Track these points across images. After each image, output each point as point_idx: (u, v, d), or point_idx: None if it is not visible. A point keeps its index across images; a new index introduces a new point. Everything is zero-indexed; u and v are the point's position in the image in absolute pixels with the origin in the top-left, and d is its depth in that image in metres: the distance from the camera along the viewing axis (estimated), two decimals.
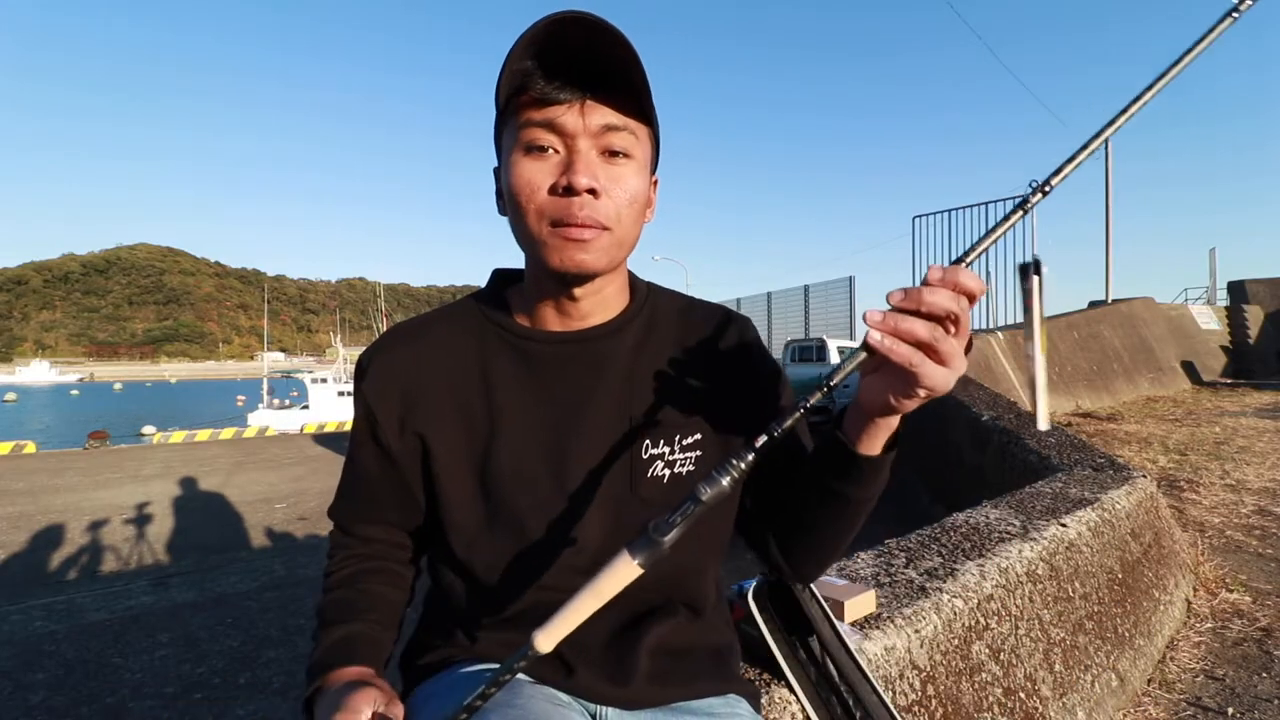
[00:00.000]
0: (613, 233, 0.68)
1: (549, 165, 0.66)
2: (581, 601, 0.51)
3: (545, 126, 0.65)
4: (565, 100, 0.65)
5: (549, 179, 0.66)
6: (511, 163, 0.67)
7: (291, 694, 2.57)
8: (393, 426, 0.74)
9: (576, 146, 0.66)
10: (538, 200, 0.66)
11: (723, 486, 0.51)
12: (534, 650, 0.51)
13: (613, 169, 0.67)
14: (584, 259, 0.67)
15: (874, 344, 0.52)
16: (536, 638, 0.51)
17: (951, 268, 0.51)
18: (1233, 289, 13.68)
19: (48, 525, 6.28)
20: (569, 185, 0.65)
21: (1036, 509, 2.15)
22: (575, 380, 0.74)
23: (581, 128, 0.65)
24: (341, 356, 29.14)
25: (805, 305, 17.41)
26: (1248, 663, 2.03)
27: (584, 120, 0.65)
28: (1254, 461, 4.75)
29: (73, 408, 55.55)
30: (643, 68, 0.65)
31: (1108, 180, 14.26)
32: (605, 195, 0.66)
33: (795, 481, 0.73)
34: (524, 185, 0.66)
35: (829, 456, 0.67)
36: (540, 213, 0.66)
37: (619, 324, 0.77)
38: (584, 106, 0.65)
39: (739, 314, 0.84)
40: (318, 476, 8.72)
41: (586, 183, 0.65)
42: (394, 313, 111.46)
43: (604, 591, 0.50)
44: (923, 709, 1.21)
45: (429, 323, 0.79)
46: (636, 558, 0.50)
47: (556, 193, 0.66)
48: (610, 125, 0.66)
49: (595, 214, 0.66)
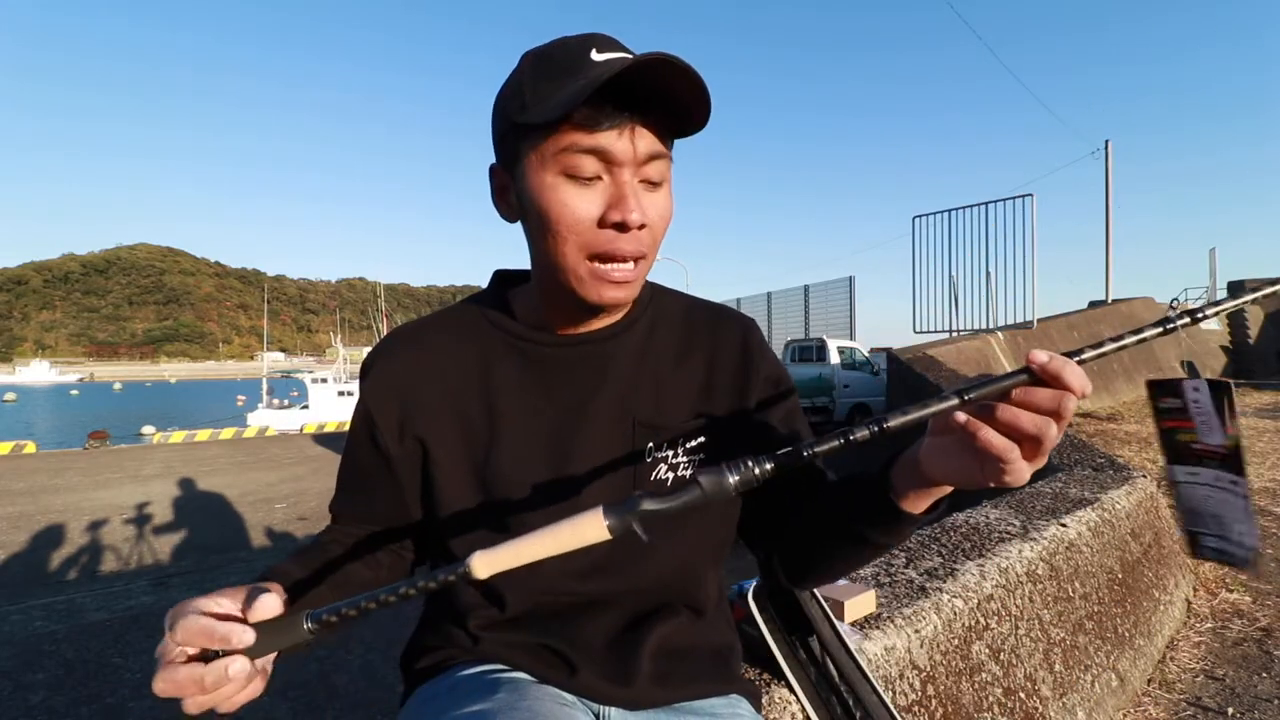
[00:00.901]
0: (648, 259, 0.68)
1: (594, 195, 0.63)
2: (535, 540, 0.48)
3: (593, 153, 0.62)
4: (615, 126, 0.61)
5: (595, 210, 0.63)
6: (547, 186, 0.63)
7: (291, 693, 2.57)
8: (392, 431, 0.74)
9: (623, 177, 0.63)
10: (581, 232, 0.64)
11: (728, 484, 0.48)
12: (468, 570, 0.48)
13: (652, 197, 0.66)
14: (621, 296, 0.67)
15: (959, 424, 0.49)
16: (474, 559, 0.48)
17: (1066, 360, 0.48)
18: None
19: (48, 525, 6.28)
20: (624, 222, 0.63)
21: (1036, 509, 2.15)
22: (578, 383, 0.74)
23: (631, 156, 0.63)
24: (341, 356, 29.13)
25: (805, 305, 17.40)
26: (1248, 663, 2.03)
27: (634, 148, 0.63)
28: (1254, 461, 4.76)
29: (73, 408, 55.56)
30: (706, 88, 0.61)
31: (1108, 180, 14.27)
32: (649, 226, 0.65)
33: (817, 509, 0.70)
34: (568, 215, 0.63)
35: (867, 503, 0.62)
36: (583, 245, 0.64)
37: (623, 326, 0.76)
38: (633, 133, 0.62)
39: (743, 315, 0.84)
40: (318, 476, 8.72)
41: (639, 220, 0.63)
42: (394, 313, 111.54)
43: (562, 540, 0.47)
44: (923, 709, 1.21)
45: (431, 326, 0.79)
46: (608, 520, 0.47)
47: (604, 226, 0.64)
48: (654, 154, 0.64)
49: (640, 247, 0.65)
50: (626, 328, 0.76)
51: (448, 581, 0.48)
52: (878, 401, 11.40)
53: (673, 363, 0.77)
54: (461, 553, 0.73)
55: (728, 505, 0.76)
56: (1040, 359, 0.48)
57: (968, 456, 0.51)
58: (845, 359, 12.48)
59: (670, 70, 0.59)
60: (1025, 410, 0.48)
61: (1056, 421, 0.48)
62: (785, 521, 0.74)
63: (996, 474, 0.49)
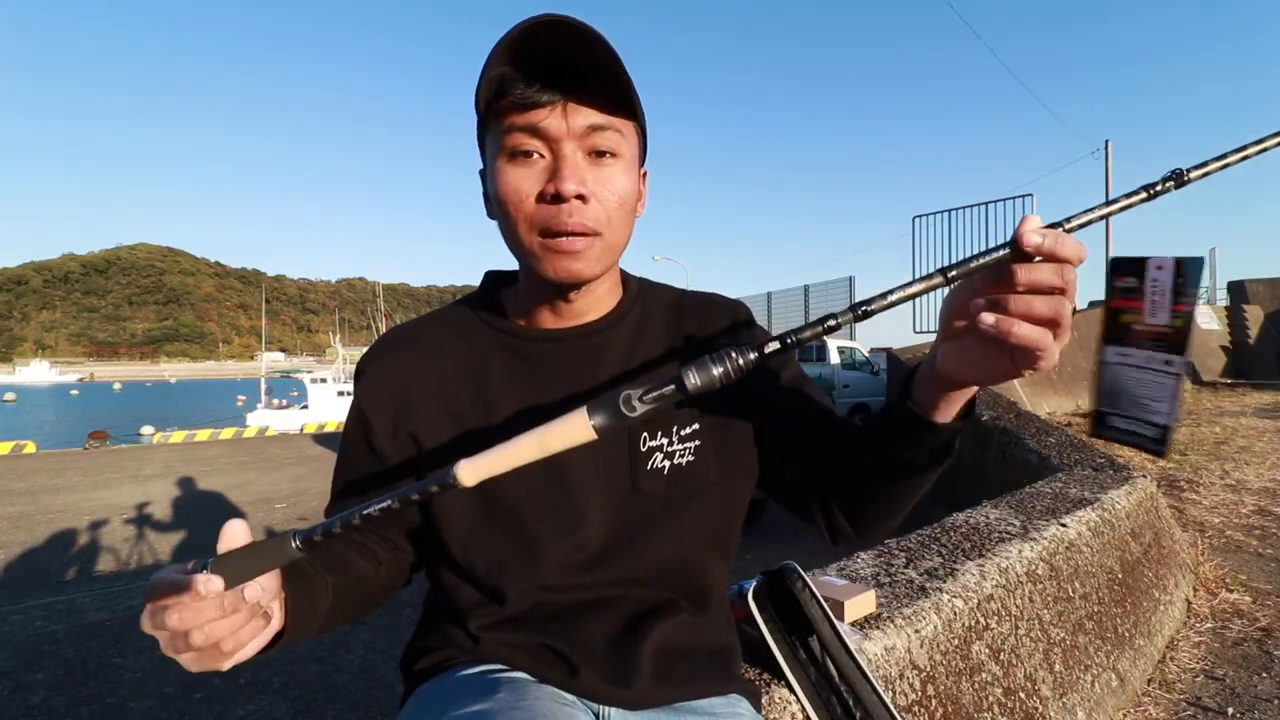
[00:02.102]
0: (604, 237, 0.67)
1: (535, 171, 0.65)
2: (521, 444, 0.47)
3: (528, 131, 0.64)
4: (546, 103, 0.63)
5: (536, 185, 0.65)
6: (497, 169, 0.66)
7: (292, 693, 2.57)
8: (386, 432, 0.74)
9: (562, 151, 0.64)
10: (526, 209, 0.65)
11: (713, 374, 0.46)
12: (454, 479, 0.46)
13: (600, 170, 0.66)
14: (577, 268, 0.67)
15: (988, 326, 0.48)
16: (460, 466, 0.46)
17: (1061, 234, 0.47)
18: (1233, 289, 13.68)
19: (48, 525, 6.28)
20: (557, 192, 0.63)
21: (1036, 509, 2.15)
22: (570, 376, 0.74)
23: (565, 130, 0.64)
24: (341, 356, 29.13)
25: (805, 305, 17.43)
26: (1248, 663, 2.03)
27: (567, 122, 0.64)
28: (1254, 461, 4.75)
29: (72, 408, 55.56)
30: (622, 63, 0.63)
31: (1107, 181, 14.28)
32: (594, 199, 0.65)
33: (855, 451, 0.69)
34: (511, 193, 0.65)
35: (901, 428, 0.62)
36: (530, 221, 0.66)
37: (613, 319, 0.77)
38: (566, 108, 0.64)
39: (731, 300, 0.84)
40: (318, 476, 8.72)
41: (574, 188, 0.63)
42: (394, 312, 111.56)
43: (549, 443, 0.46)
44: (923, 709, 1.21)
45: (424, 326, 0.79)
46: (594, 418, 0.46)
47: (545, 200, 0.65)
48: (595, 125, 0.65)
49: (585, 220, 0.65)
50: (616, 321, 0.77)
51: (432, 492, 0.47)
52: (878, 401, 11.40)
53: (664, 354, 0.77)
54: (459, 552, 0.73)
55: (728, 487, 0.76)
56: (1034, 240, 0.47)
57: (994, 353, 0.51)
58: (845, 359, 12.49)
59: (567, 32, 0.61)
60: (1036, 295, 0.48)
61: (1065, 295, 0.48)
62: (828, 475, 0.72)
63: (1032, 362, 0.49)
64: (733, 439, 0.76)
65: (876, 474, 0.67)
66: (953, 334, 0.54)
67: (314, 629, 0.65)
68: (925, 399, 0.59)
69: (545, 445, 0.46)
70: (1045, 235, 0.47)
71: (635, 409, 0.46)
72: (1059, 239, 0.47)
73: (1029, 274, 0.48)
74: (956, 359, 0.54)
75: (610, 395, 0.47)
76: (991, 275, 0.49)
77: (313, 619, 0.63)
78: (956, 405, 0.59)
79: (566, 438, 0.46)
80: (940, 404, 0.58)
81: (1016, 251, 0.48)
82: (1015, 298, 0.48)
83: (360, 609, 0.74)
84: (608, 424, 0.46)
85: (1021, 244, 0.47)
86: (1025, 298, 0.48)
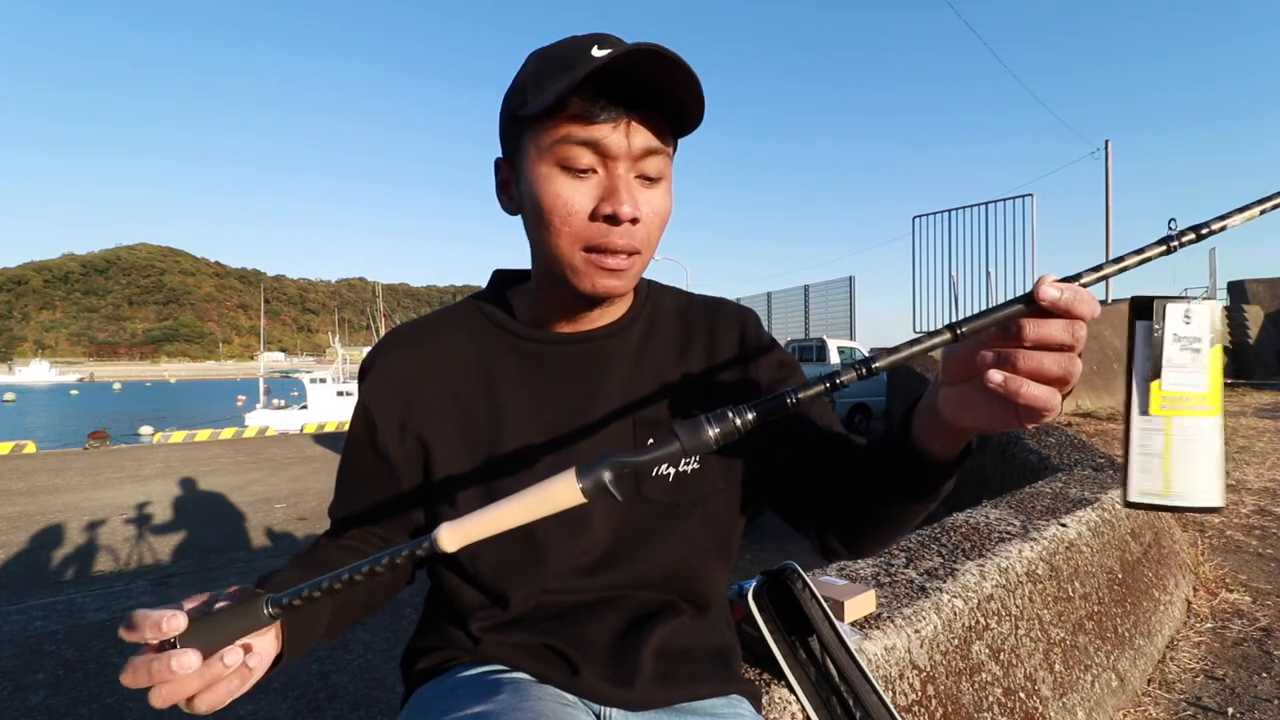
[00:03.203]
0: (643, 256, 0.68)
1: (588, 187, 0.64)
2: (505, 508, 0.46)
3: (588, 146, 0.63)
4: (610, 120, 0.62)
5: (589, 202, 0.64)
6: (543, 176, 0.64)
7: (292, 694, 2.57)
8: (392, 432, 0.73)
9: (617, 170, 0.64)
10: (574, 224, 0.64)
11: (708, 436, 0.45)
12: (435, 543, 0.46)
13: (648, 193, 0.66)
14: (617, 285, 0.67)
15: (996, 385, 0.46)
16: (441, 531, 0.46)
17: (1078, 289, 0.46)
18: (1233, 289, 13.68)
19: (48, 525, 6.28)
20: (614, 214, 0.63)
21: (1036, 509, 2.15)
22: (578, 380, 0.74)
23: (625, 150, 0.63)
24: (341, 356, 29.11)
25: (805, 305, 17.43)
26: (1248, 663, 2.03)
27: (629, 142, 0.63)
28: (1254, 461, 4.75)
29: (72, 408, 55.55)
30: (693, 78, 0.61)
31: (1108, 180, 14.27)
32: (642, 221, 0.66)
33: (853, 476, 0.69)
34: (560, 205, 0.64)
35: (901, 463, 0.61)
36: (576, 236, 0.65)
37: (622, 324, 0.77)
38: (629, 127, 0.63)
39: (741, 306, 0.84)
40: (317, 476, 8.71)
41: (630, 212, 0.63)
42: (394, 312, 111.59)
43: (533, 506, 0.46)
44: (923, 709, 1.21)
45: (431, 325, 0.79)
46: (581, 481, 0.45)
47: (597, 218, 0.64)
48: (650, 149, 0.65)
49: (633, 242, 0.65)
50: (626, 325, 0.77)
51: (414, 556, 0.47)
52: (878, 401, 11.40)
53: (673, 359, 0.77)
54: (463, 555, 0.73)
55: (733, 496, 0.76)
56: (1051, 295, 0.45)
57: (999, 406, 0.49)
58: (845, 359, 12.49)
59: (660, 62, 0.59)
60: (1046, 352, 0.46)
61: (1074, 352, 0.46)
62: (826, 494, 0.72)
63: (1037, 418, 0.48)
64: (738, 449, 0.76)
65: (874, 501, 0.67)
66: (955, 380, 0.52)
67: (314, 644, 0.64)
68: (925, 436, 0.58)
69: (530, 510, 0.45)
70: (1064, 290, 0.45)
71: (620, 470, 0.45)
72: (1077, 294, 0.45)
73: (1039, 329, 0.46)
74: (957, 405, 0.53)
75: (600, 459, 0.46)
76: (999, 327, 0.47)
77: (311, 636, 0.63)
78: (956, 445, 0.58)
79: (552, 501, 0.45)
80: (939, 443, 0.57)
81: (1032, 305, 0.46)
82: (1025, 355, 0.46)
83: (363, 614, 0.74)
84: (595, 484, 0.45)
85: (1038, 298, 0.45)
86: (1036, 355, 0.46)
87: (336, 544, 0.75)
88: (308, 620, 0.62)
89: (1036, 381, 0.46)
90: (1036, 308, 0.46)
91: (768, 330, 0.83)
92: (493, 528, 0.46)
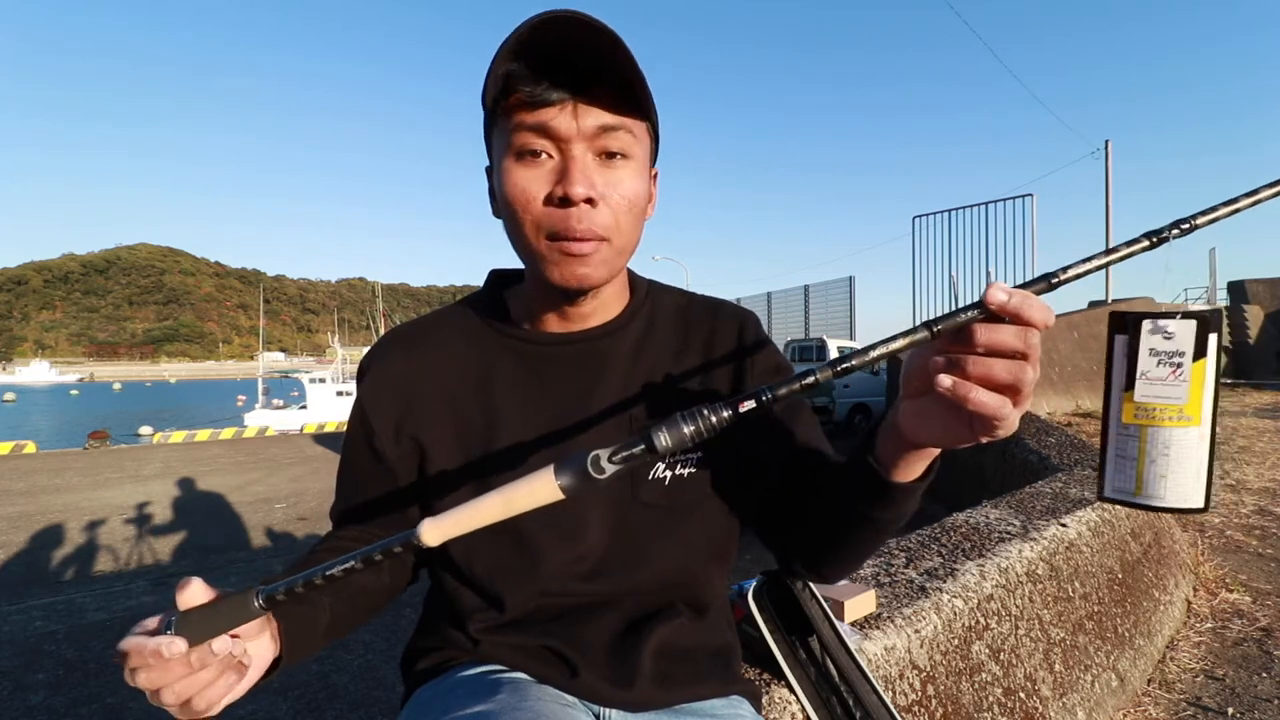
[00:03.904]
0: (612, 243, 0.66)
1: (543, 172, 0.63)
2: (485, 504, 0.46)
3: (537, 130, 0.62)
4: (555, 101, 0.61)
5: (544, 187, 0.63)
6: (504, 169, 0.64)
7: (292, 693, 2.57)
8: (388, 434, 0.73)
9: (571, 151, 0.62)
10: (533, 211, 0.63)
11: (684, 433, 0.45)
12: (418, 539, 0.46)
13: (610, 173, 0.64)
14: (585, 273, 0.65)
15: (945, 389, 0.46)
16: (424, 526, 0.46)
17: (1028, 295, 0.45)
18: (1233, 289, 13.68)
19: (48, 525, 6.28)
20: (565, 195, 0.61)
21: (1036, 509, 2.15)
22: (574, 381, 0.73)
23: (575, 130, 0.62)
24: (340, 357, 29.10)
25: (805, 305, 17.43)
26: (1248, 663, 2.03)
27: (577, 122, 0.62)
28: (1254, 461, 4.75)
29: (72, 408, 55.54)
30: (635, 61, 0.61)
31: (1108, 180, 14.27)
32: (603, 203, 0.64)
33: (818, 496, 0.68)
34: (518, 194, 0.63)
35: (860, 481, 0.60)
36: (537, 224, 0.64)
37: (618, 324, 0.76)
38: (576, 108, 0.62)
39: (740, 308, 0.83)
40: (317, 477, 8.71)
41: (583, 192, 0.62)
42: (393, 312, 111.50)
43: (514, 502, 0.45)
44: (923, 709, 1.21)
45: (427, 326, 0.78)
46: (560, 479, 0.45)
47: (552, 203, 0.63)
48: (606, 126, 0.63)
49: (594, 225, 0.63)
50: (623, 325, 0.76)
51: (395, 551, 0.47)
52: (878, 401, 11.40)
53: (670, 360, 0.76)
54: (460, 558, 0.73)
55: (729, 500, 0.76)
56: (998, 299, 0.45)
57: (953, 418, 0.49)
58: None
59: (575, 27, 0.59)
60: (996, 358, 0.46)
61: (1027, 361, 0.45)
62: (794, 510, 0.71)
63: (989, 430, 0.47)
64: (733, 451, 0.75)
65: (835, 522, 0.66)
66: (913, 392, 0.52)
67: (314, 649, 0.64)
68: (887, 455, 0.57)
69: (511, 505, 0.45)
70: (1011, 295, 0.45)
71: (604, 470, 0.45)
72: (1025, 299, 0.45)
73: (989, 334, 0.45)
74: (914, 419, 0.52)
75: (578, 455, 0.45)
76: (954, 334, 0.47)
77: (311, 640, 0.63)
78: (918, 465, 0.57)
79: (533, 497, 0.45)
80: (900, 462, 0.56)
81: (985, 311, 0.45)
82: (974, 360, 0.46)
83: (365, 616, 0.74)
84: (575, 485, 0.45)
85: (987, 302, 0.45)
86: (985, 361, 0.46)
87: (335, 548, 0.74)
88: (305, 623, 0.62)
89: (986, 388, 0.46)
90: (990, 313, 0.45)
91: (768, 332, 0.82)
92: (474, 523, 0.46)
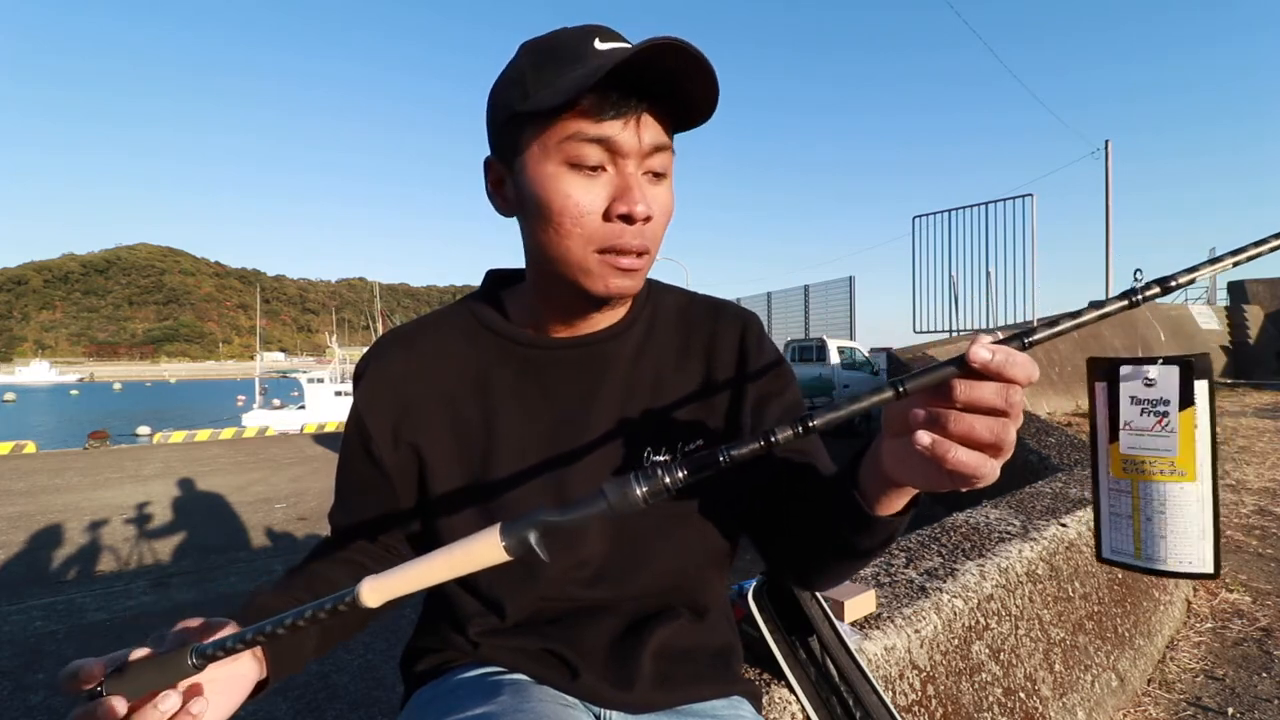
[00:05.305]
0: (652, 254, 0.67)
1: (599, 186, 0.62)
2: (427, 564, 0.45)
3: (598, 143, 0.61)
4: (621, 116, 0.60)
5: (601, 202, 0.62)
6: (549, 176, 0.62)
7: (292, 694, 2.57)
8: (386, 438, 0.72)
9: (628, 169, 0.62)
10: (586, 225, 0.62)
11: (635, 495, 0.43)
12: (356, 599, 0.45)
13: (655, 190, 0.65)
14: (629, 285, 0.66)
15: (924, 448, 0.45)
16: (363, 586, 0.45)
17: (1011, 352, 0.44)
18: (1233, 289, 13.68)
19: (48, 525, 6.28)
20: (629, 214, 0.62)
21: (1036, 509, 2.15)
22: (575, 385, 0.73)
23: (636, 147, 0.62)
24: (339, 357, 29.10)
25: (805, 305, 17.44)
26: (1248, 663, 2.03)
27: (639, 139, 0.62)
28: (1254, 461, 4.75)
29: (72, 408, 55.54)
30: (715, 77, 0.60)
31: (1108, 180, 14.27)
32: (654, 220, 0.65)
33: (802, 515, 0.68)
34: (571, 206, 0.62)
35: (843, 511, 0.59)
36: (588, 238, 0.63)
37: (621, 327, 0.75)
38: (639, 122, 0.61)
39: (742, 310, 0.82)
40: (317, 477, 8.71)
41: (645, 212, 0.62)
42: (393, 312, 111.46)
43: (455, 563, 0.44)
44: (923, 709, 1.21)
45: (424, 328, 0.77)
46: (504, 539, 0.44)
47: (610, 219, 0.62)
48: (658, 145, 0.63)
49: (646, 241, 0.64)
50: (625, 329, 0.75)
51: (336, 610, 0.46)
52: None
53: (672, 363, 0.76)
54: None
55: (730, 505, 0.75)
56: (982, 357, 0.43)
57: (932, 470, 0.48)
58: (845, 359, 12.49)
59: (680, 57, 0.58)
60: (977, 416, 0.44)
61: (1009, 418, 0.44)
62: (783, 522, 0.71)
63: (969, 484, 0.47)
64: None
65: (817, 545, 0.66)
66: (894, 433, 0.50)
67: (300, 666, 0.65)
68: (869, 488, 0.56)
69: (453, 566, 0.45)
70: (995, 352, 0.43)
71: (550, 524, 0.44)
72: (1009, 357, 0.43)
73: (970, 392, 0.44)
74: (895, 461, 0.52)
75: (527, 517, 0.44)
76: (934, 388, 0.45)
77: (297, 659, 0.63)
78: (900, 500, 0.56)
79: (474, 559, 0.44)
80: (883, 497, 0.56)
81: (965, 367, 0.44)
82: (955, 418, 0.44)
83: (358, 626, 0.74)
84: (519, 544, 0.44)
85: (969, 359, 0.43)
86: (966, 419, 0.44)
87: (330, 558, 0.75)
88: (292, 645, 0.63)
89: (967, 446, 0.44)
90: (970, 369, 0.44)
91: (768, 331, 0.82)
92: (417, 583, 0.45)
